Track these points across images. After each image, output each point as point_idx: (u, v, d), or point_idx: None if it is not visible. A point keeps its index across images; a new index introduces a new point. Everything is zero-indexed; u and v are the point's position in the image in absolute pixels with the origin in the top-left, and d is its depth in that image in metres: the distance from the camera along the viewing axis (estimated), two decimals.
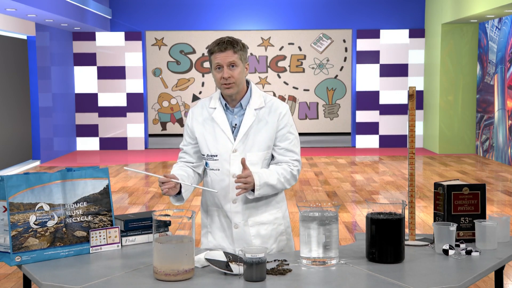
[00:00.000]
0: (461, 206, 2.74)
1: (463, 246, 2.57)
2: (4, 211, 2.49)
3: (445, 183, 2.76)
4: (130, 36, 12.93)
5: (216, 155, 2.88)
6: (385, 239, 2.46)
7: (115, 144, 13.13)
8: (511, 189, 8.43)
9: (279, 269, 2.37)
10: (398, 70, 12.93)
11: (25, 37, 10.98)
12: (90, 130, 13.09)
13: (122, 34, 12.92)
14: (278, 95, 12.89)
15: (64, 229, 2.59)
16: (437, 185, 2.78)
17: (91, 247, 2.64)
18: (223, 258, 2.38)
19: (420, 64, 12.92)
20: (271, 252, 2.91)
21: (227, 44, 2.80)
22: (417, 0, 12.92)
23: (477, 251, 2.58)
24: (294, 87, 13.05)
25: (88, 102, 13.03)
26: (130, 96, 13.04)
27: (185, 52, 12.96)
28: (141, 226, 2.80)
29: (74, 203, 2.64)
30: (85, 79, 13.00)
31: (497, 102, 11.02)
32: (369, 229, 2.50)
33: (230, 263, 2.35)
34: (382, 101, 13.00)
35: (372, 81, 12.99)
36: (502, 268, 2.64)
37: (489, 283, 4.55)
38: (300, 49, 12.99)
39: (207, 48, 2.89)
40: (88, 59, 12.96)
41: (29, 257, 2.49)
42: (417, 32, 12.85)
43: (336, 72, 13.04)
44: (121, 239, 2.73)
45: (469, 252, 2.56)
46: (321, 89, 13.08)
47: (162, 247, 2.28)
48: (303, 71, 13.04)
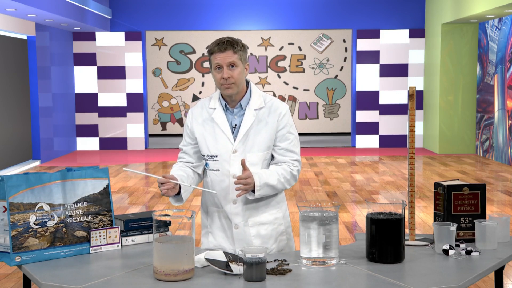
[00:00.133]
0: (461, 206, 2.74)
1: (463, 246, 2.57)
2: (4, 211, 2.49)
3: (445, 183, 2.76)
4: (130, 36, 12.93)
5: (216, 156, 2.88)
6: (385, 239, 2.46)
7: (115, 144, 13.13)
8: (511, 189, 8.43)
9: (279, 269, 2.37)
10: (398, 70, 12.93)
11: (25, 37, 10.98)
12: (90, 130, 13.09)
13: (122, 34, 12.92)
14: (278, 95, 12.89)
15: (64, 229, 2.59)
16: (437, 185, 2.78)
17: (91, 247, 2.64)
18: (223, 258, 2.38)
19: (420, 64, 12.92)
20: (272, 252, 2.91)
21: (227, 44, 2.80)
22: (417, 0, 12.92)
23: (477, 251, 2.58)
24: (294, 87, 13.05)
25: (88, 102, 13.03)
26: (130, 96, 13.05)
27: (185, 52, 12.97)
28: (141, 226, 2.80)
29: (74, 203, 2.64)
30: (85, 79, 13.00)
31: (497, 102, 11.02)
32: (369, 229, 2.50)
33: (230, 263, 2.35)
34: (382, 101, 13.00)
35: (372, 81, 12.99)
36: (502, 268, 2.64)
37: (489, 283, 4.55)
38: (300, 49, 12.99)
39: (207, 48, 2.88)
40: (88, 59, 12.96)
41: (29, 257, 2.49)
42: (417, 32, 12.85)
43: (336, 72, 13.04)
44: (121, 239, 2.73)
45: (469, 252, 2.56)
46: (321, 89, 13.08)
47: (162, 247, 2.28)
48: (303, 71, 13.04)
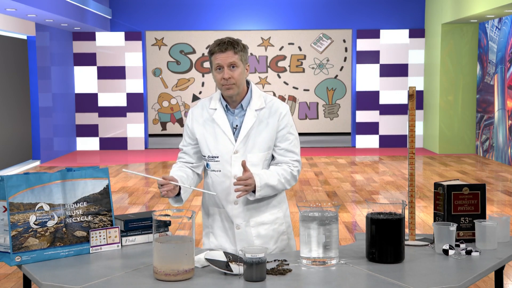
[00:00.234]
0: (461, 206, 2.74)
1: (463, 246, 2.56)
2: (4, 211, 2.49)
3: (445, 183, 2.76)
4: (130, 36, 12.93)
5: (217, 156, 2.88)
6: (385, 239, 2.46)
7: (115, 144, 13.13)
8: (511, 189, 8.43)
9: (279, 269, 2.37)
10: (398, 70, 12.93)
11: (25, 37, 10.98)
12: (90, 130, 13.09)
13: (122, 34, 12.92)
14: (278, 95, 12.89)
15: (64, 229, 2.59)
16: (437, 185, 2.78)
17: (91, 247, 2.64)
18: (223, 258, 2.38)
19: (420, 64, 12.92)
20: (273, 252, 2.91)
21: (227, 44, 2.79)
22: (417, 0, 12.92)
23: (477, 251, 2.58)
24: (294, 87, 13.05)
25: (88, 102, 13.03)
26: (130, 96, 13.05)
27: (185, 52, 12.96)
28: (141, 226, 2.80)
29: (74, 203, 2.64)
30: (85, 79, 13.00)
31: (497, 102, 11.02)
32: (369, 229, 2.50)
33: (230, 263, 2.35)
34: (382, 101, 13.00)
35: (372, 81, 12.99)
36: (502, 268, 2.64)
37: (489, 283, 4.55)
38: (300, 49, 12.99)
39: (207, 48, 2.89)
40: (88, 59, 12.96)
41: (29, 257, 2.49)
42: (417, 32, 12.85)
43: (336, 72, 13.04)
44: (121, 239, 2.73)
45: (469, 252, 2.56)
46: (321, 89, 13.08)
47: (162, 247, 2.28)
48: (303, 71, 13.04)
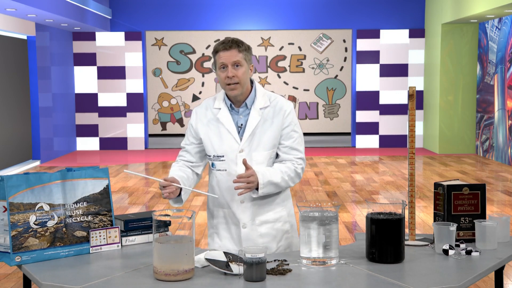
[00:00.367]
0: (461, 206, 2.74)
1: (463, 246, 2.56)
2: (4, 211, 2.49)
3: (445, 183, 2.76)
4: (130, 36, 12.93)
5: (223, 156, 2.88)
6: (385, 239, 2.46)
7: (115, 144, 13.13)
8: (511, 189, 8.43)
9: (279, 269, 2.37)
10: (398, 70, 12.93)
11: (25, 37, 10.98)
12: (90, 130, 13.09)
13: (122, 34, 12.92)
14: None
15: (64, 229, 2.59)
16: (437, 185, 2.78)
17: (91, 247, 2.64)
18: (223, 258, 2.38)
19: (420, 64, 12.92)
20: (278, 250, 2.93)
21: (231, 43, 2.82)
22: (417, 0, 12.92)
23: (477, 251, 2.58)
24: (294, 87, 13.05)
25: (88, 102, 13.03)
26: (130, 96, 13.05)
27: (185, 52, 12.96)
28: (141, 226, 2.80)
29: (74, 203, 2.64)
30: (85, 79, 13.00)
31: (497, 102, 11.02)
32: (369, 229, 2.50)
33: (230, 263, 2.35)
34: (382, 101, 13.00)
35: (372, 81, 12.99)
36: (502, 268, 2.64)
37: (489, 283, 4.55)
38: (300, 49, 12.99)
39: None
40: (88, 59, 12.96)
41: (29, 257, 2.49)
42: (417, 32, 12.85)
43: (336, 72, 13.04)
44: (121, 239, 2.73)
45: (469, 252, 2.56)
46: (321, 89, 13.08)
47: (162, 247, 2.28)
48: (303, 71, 13.04)
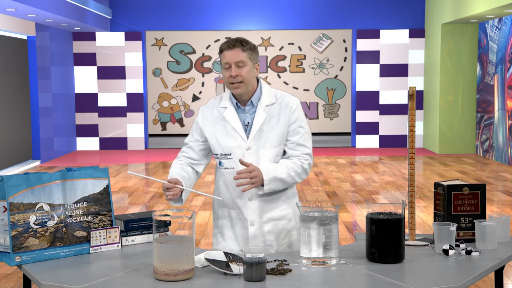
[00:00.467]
0: (461, 206, 2.74)
1: (463, 246, 2.56)
2: (4, 211, 2.49)
3: (445, 183, 2.76)
4: (130, 36, 12.93)
5: (230, 154, 2.89)
6: (385, 239, 2.46)
7: (115, 144, 13.13)
8: (511, 189, 8.43)
9: (279, 269, 2.37)
10: (398, 70, 12.93)
11: (25, 37, 10.98)
12: (90, 130, 13.09)
13: (122, 34, 12.92)
14: None
15: (64, 229, 2.59)
16: (437, 185, 2.78)
17: (91, 247, 2.64)
18: (223, 258, 2.39)
19: (420, 64, 12.92)
20: (281, 247, 2.93)
21: (235, 42, 2.83)
22: (417, 0, 12.92)
23: (477, 251, 2.58)
24: (294, 87, 13.05)
25: (88, 102, 13.03)
26: (130, 96, 13.05)
27: (185, 52, 12.96)
28: (141, 226, 2.80)
29: (74, 203, 2.64)
30: (85, 79, 13.00)
31: (497, 102, 11.02)
32: (369, 229, 2.50)
33: (230, 263, 2.35)
34: (382, 101, 13.00)
35: (372, 81, 12.99)
36: (502, 268, 2.64)
37: (489, 283, 4.55)
38: (300, 49, 12.99)
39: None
40: (88, 59, 12.96)
41: (29, 257, 2.49)
42: (417, 32, 12.85)
43: (336, 72, 13.04)
44: (121, 239, 2.73)
45: (469, 252, 2.56)
46: (321, 89, 13.08)
47: (162, 247, 2.28)
48: (303, 71, 13.04)
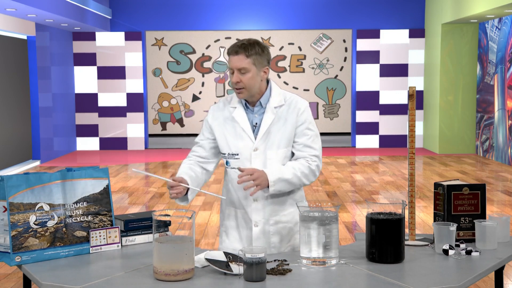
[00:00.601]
0: (461, 206, 2.74)
1: (463, 246, 2.56)
2: (4, 211, 2.49)
3: (445, 183, 2.76)
4: (130, 36, 12.93)
5: (237, 154, 2.89)
6: (385, 239, 2.46)
7: (115, 144, 13.13)
8: (511, 189, 8.43)
9: (279, 269, 2.37)
10: (398, 70, 12.93)
11: (25, 37, 10.98)
12: (90, 130, 13.09)
13: (122, 34, 12.92)
14: None
15: (64, 229, 2.59)
16: (437, 185, 2.78)
17: (91, 247, 2.64)
18: (223, 258, 2.39)
19: (420, 64, 12.92)
20: (285, 250, 2.93)
21: (239, 47, 2.80)
22: (417, 0, 12.92)
23: (477, 251, 2.58)
24: (294, 87, 13.05)
25: (88, 102, 13.03)
26: (130, 96, 13.04)
27: (185, 52, 12.96)
28: (141, 226, 2.80)
29: (74, 203, 2.64)
30: (85, 79, 13.00)
31: (497, 102, 11.02)
32: (369, 229, 2.50)
33: (230, 263, 2.35)
34: (382, 101, 13.00)
35: (372, 81, 12.98)
36: (502, 268, 2.64)
37: (489, 283, 4.55)
38: (300, 49, 12.99)
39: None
40: (88, 59, 12.96)
41: (29, 257, 2.49)
42: (417, 32, 12.85)
43: (336, 72, 13.04)
44: (121, 239, 2.73)
45: (469, 252, 2.56)
46: (321, 89, 13.08)
47: (162, 247, 2.28)
48: (303, 71, 13.04)
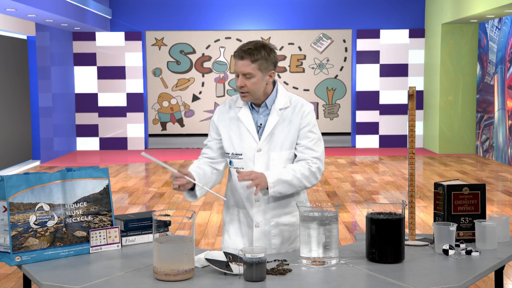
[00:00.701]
0: (461, 206, 2.74)
1: (463, 246, 2.56)
2: (4, 211, 2.49)
3: (445, 183, 2.76)
4: (130, 36, 12.93)
5: (241, 154, 2.90)
6: (385, 239, 2.46)
7: (115, 144, 13.13)
8: (511, 189, 8.43)
9: (279, 269, 2.37)
10: (398, 70, 12.93)
11: (25, 37, 10.98)
12: (90, 130, 13.09)
13: (122, 34, 12.92)
14: None
15: (64, 229, 2.59)
16: (437, 185, 2.78)
17: (91, 247, 2.64)
18: (223, 258, 2.39)
19: (420, 64, 12.92)
20: (288, 251, 2.93)
21: (245, 52, 2.79)
22: (417, 0, 12.92)
23: (477, 251, 2.58)
24: (294, 87, 13.05)
25: (88, 102, 13.03)
26: (130, 96, 13.04)
27: (185, 52, 12.96)
28: (141, 226, 2.80)
29: (74, 203, 2.64)
30: (85, 79, 13.00)
31: (497, 102, 11.02)
32: (369, 229, 2.50)
33: (230, 263, 2.35)
34: (382, 101, 13.00)
35: (372, 81, 12.98)
36: (502, 268, 2.64)
37: (489, 283, 4.55)
38: (300, 49, 12.99)
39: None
40: (88, 59, 12.96)
41: (29, 257, 2.49)
42: (417, 32, 12.85)
43: (336, 72, 13.04)
44: (121, 239, 2.73)
45: (469, 252, 2.56)
46: (321, 89, 13.08)
47: (162, 247, 2.28)
48: (303, 71, 13.04)
